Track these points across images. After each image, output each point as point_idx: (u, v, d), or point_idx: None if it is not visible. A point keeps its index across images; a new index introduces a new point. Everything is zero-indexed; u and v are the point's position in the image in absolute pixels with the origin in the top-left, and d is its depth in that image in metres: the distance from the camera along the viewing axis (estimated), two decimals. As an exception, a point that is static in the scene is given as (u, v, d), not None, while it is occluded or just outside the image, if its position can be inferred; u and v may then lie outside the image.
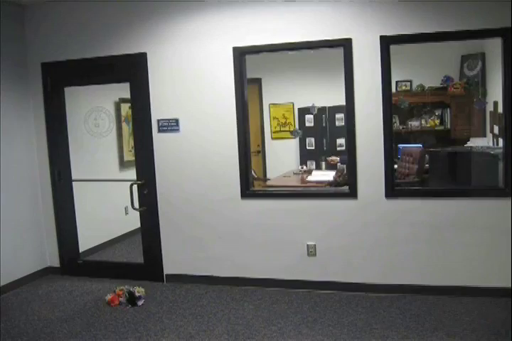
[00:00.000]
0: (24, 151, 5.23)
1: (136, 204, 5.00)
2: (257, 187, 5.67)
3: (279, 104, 8.37)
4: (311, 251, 4.66)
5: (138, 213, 5.09)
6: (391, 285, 4.49)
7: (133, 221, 5.30)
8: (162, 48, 4.80)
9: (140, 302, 4.50)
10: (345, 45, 4.32)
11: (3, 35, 4.89)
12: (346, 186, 4.73)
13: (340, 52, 4.36)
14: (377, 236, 4.49)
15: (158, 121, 4.89)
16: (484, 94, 6.70)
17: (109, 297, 4.56)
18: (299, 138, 8.19)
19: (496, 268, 4.24)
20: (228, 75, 4.63)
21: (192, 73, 4.76)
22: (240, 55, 4.59)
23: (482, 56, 6.77)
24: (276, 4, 4.45)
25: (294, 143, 8.39)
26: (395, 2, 4.19)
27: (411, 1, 4.16)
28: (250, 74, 4.80)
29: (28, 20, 5.17)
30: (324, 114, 8.09)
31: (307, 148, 8.24)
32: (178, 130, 4.86)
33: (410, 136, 7.51)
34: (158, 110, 4.89)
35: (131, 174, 5.17)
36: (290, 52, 4.74)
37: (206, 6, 4.62)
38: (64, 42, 5.07)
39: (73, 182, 5.35)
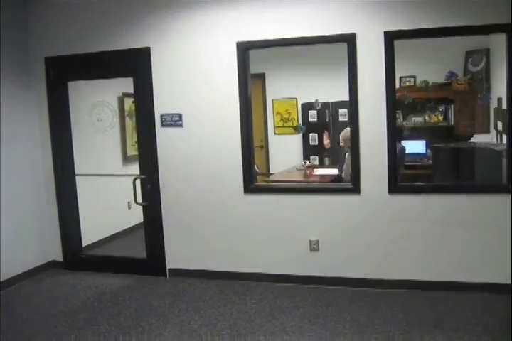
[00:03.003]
0: (27, 146, 5.24)
1: (140, 199, 5.00)
2: (260, 182, 5.66)
3: (283, 100, 8.35)
4: (314, 247, 4.67)
5: (141, 208, 5.09)
6: (393, 281, 4.49)
7: (136, 215, 5.31)
8: (166, 43, 4.79)
9: None
10: (349, 40, 4.30)
11: (6, 30, 4.88)
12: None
13: (344, 47, 4.34)
14: (379, 232, 4.49)
15: (162, 115, 4.89)
16: (488, 90, 6.67)
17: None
18: (302, 134, 8.19)
19: (498, 264, 4.24)
20: (232, 70, 4.62)
21: (195, 68, 4.75)
22: (244, 50, 4.58)
23: (487, 52, 6.74)
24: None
25: (297, 139, 8.37)
26: (400, -3, 4.19)
27: (415, -4, 4.16)
28: (254, 69, 4.79)
29: (31, 15, 5.17)
30: (328, 109, 8.07)
31: (310, 143, 8.23)
32: (181, 125, 4.86)
33: (413, 132, 7.50)
34: (162, 105, 4.89)
35: (134, 168, 5.18)
36: (294, 47, 4.73)
37: (210, 0, 4.61)
38: (67, 36, 5.07)
39: (76, 177, 5.36)
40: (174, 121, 4.86)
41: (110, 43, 4.93)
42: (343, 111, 7.82)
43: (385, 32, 4.22)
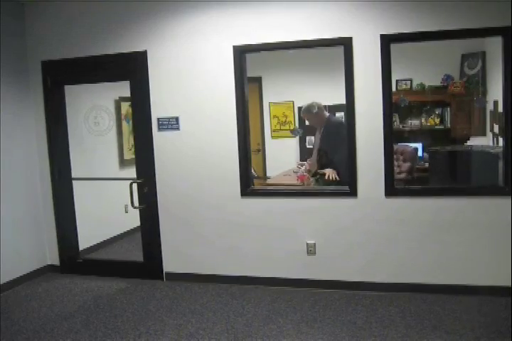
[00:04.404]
0: (24, 150, 5.23)
1: (136, 203, 5.00)
2: (257, 185, 5.66)
3: (279, 103, 8.36)
4: (311, 250, 4.66)
5: (137, 211, 5.09)
6: (390, 284, 4.49)
7: (133, 219, 5.31)
8: (162, 46, 4.80)
9: None
10: (346, 43, 4.32)
11: (3, 33, 4.89)
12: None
13: (340, 50, 4.36)
14: (376, 235, 4.49)
15: (158, 119, 4.89)
16: (484, 92, 6.69)
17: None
18: (299, 137, 8.19)
19: (496, 267, 4.24)
20: (228, 74, 4.63)
21: (192, 71, 4.76)
22: (240, 53, 4.58)
23: (482, 55, 6.76)
24: (276, 3, 4.44)
25: (294, 142, 8.38)
26: (396, 1, 4.19)
27: (411, 0, 4.16)
28: (250, 72, 4.80)
29: (28, 18, 5.17)
30: (324, 112, 8.07)
31: (307, 146, 8.23)
32: (178, 128, 4.86)
33: (410, 135, 7.51)
34: (158, 108, 4.89)
35: (131, 172, 5.17)
36: (290, 51, 4.74)
37: (207, 4, 4.61)
38: (64, 40, 5.07)
39: (73, 181, 5.35)
40: (171, 124, 4.86)
41: (107, 47, 4.93)
42: (339, 114, 7.80)
43: (381, 35, 4.24)
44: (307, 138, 8.16)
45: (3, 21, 4.89)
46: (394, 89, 6.71)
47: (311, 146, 8.09)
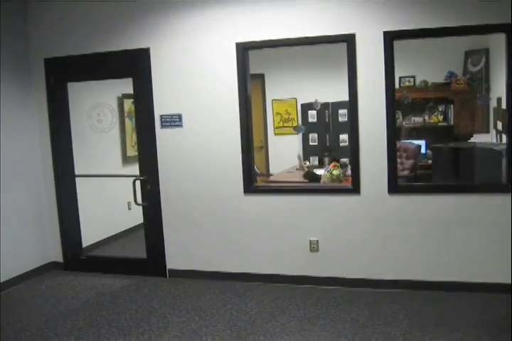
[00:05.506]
0: (27, 147, 5.23)
1: (139, 200, 5.00)
2: (260, 182, 5.66)
3: (282, 100, 8.36)
4: (314, 247, 4.66)
5: (141, 208, 5.09)
6: (393, 281, 4.49)
7: (136, 216, 5.31)
8: (165, 43, 4.79)
9: None
10: (349, 40, 4.30)
11: (5, 31, 4.88)
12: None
13: (343, 47, 4.35)
14: (379, 232, 4.49)
15: (161, 116, 4.89)
16: (488, 89, 6.68)
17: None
18: (302, 134, 8.19)
19: (498, 265, 4.23)
20: (231, 71, 4.62)
21: (195, 68, 4.75)
22: (243, 50, 4.58)
23: (486, 52, 6.74)
24: (280, 0, 4.43)
25: (296, 139, 8.38)
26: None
27: (415, -3, 4.16)
28: (253, 69, 4.79)
29: (30, 16, 5.17)
30: (327, 109, 8.07)
31: (310, 143, 8.23)
32: (181, 125, 4.86)
33: (413, 132, 7.51)
34: (161, 105, 4.89)
35: (134, 169, 5.18)
36: (293, 48, 4.73)
37: (209, 1, 4.61)
38: (67, 37, 5.07)
39: (76, 178, 5.36)
40: (174, 121, 4.86)
41: (110, 44, 4.93)
42: (342, 111, 7.82)
43: (384, 32, 4.22)
44: (310, 135, 8.15)
45: (5, 19, 4.88)
46: (397, 86, 6.70)
47: (315, 143, 8.12)
